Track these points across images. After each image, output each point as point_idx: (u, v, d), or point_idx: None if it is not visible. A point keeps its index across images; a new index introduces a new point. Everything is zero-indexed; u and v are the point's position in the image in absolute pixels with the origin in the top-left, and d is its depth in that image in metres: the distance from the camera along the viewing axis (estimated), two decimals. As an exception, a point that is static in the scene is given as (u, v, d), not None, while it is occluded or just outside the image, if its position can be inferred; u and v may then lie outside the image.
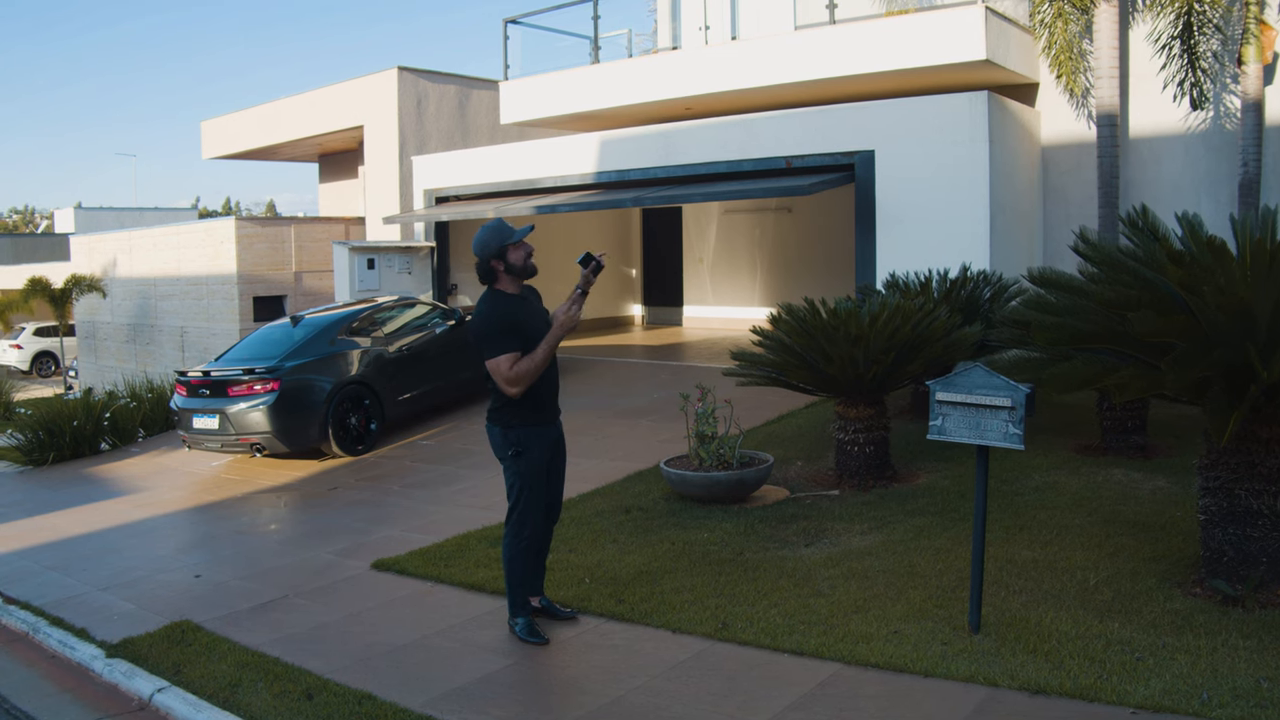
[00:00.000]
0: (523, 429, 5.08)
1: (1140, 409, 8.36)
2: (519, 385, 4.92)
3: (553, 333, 4.96)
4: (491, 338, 4.93)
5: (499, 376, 4.93)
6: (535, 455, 5.11)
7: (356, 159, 20.62)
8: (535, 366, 4.92)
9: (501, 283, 5.08)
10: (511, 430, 5.08)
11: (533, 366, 4.91)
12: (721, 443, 7.67)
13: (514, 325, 4.95)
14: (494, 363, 4.92)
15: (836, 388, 7.73)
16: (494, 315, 4.99)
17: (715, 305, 19.19)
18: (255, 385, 10.31)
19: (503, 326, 4.93)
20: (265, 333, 11.65)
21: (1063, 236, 12.36)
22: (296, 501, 9.36)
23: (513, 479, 5.14)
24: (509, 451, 5.09)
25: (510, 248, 5.02)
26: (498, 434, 5.14)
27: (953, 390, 4.67)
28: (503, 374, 4.91)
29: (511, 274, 5.06)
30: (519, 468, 5.09)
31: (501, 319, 4.96)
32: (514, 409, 5.04)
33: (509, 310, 5.01)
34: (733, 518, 7.13)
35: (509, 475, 5.16)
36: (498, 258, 5.02)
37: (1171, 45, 9.71)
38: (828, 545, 6.45)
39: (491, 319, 4.98)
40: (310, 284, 18.06)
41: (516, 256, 5.03)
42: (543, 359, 4.93)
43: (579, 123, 15.84)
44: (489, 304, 5.06)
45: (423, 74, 18.12)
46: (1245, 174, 10.39)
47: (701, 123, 13.42)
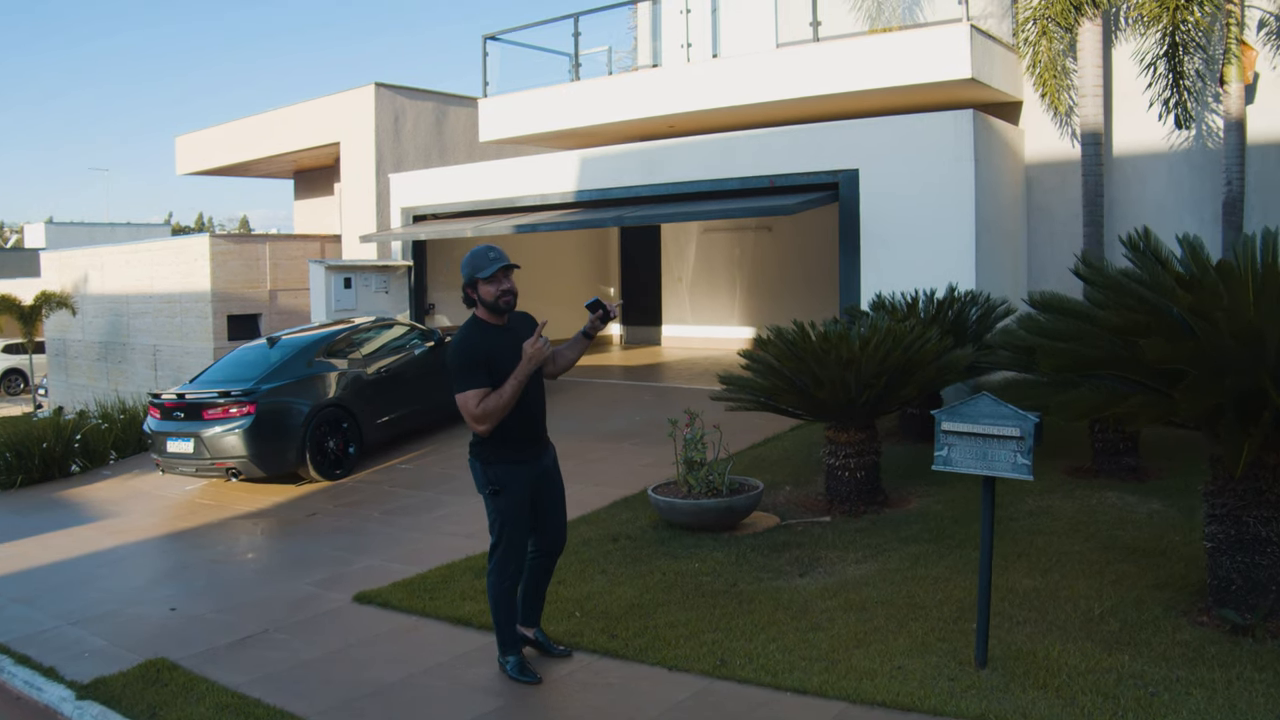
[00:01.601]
0: (501, 465, 4.86)
1: (1132, 431, 8.28)
2: (485, 424, 4.70)
3: (520, 368, 4.70)
4: (459, 370, 4.72)
5: (464, 413, 4.73)
6: (515, 492, 4.88)
7: (332, 176, 20.40)
8: (502, 405, 4.67)
9: (480, 311, 4.88)
10: (490, 467, 4.86)
11: (499, 405, 4.66)
12: (711, 469, 7.52)
13: (484, 359, 4.71)
14: (460, 398, 4.71)
15: (827, 412, 7.60)
16: (464, 347, 4.77)
17: (694, 325, 19.06)
18: (231, 408, 10.08)
19: (471, 360, 4.71)
20: (241, 354, 11.42)
21: (1047, 255, 12.34)
22: (274, 528, 9.13)
23: (493, 516, 4.93)
24: (487, 489, 4.88)
25: (480, 281, 4.79)
26: (478, 469, 4.94)
27: (959, 419, 4.55)
28: (469, 411, 4.70)
29: (484, 305, 4.83)
30: (498, 505, 4.89)
31: (471, 351, 4.74)
32: (493, 444, 4.82)
33: (482, 342, 4.77)
34: (724, 546, 6.98)
35: (490, 512, 4.95)
36: (471, 286, 4.84)
37: (1157, 64, 9.68)
38: (823, 575, 6.30)
39: (462, 351, 4.76)
40: (285, 302, 17.79)
41: (486, 292, 4.80)
42: (510, 397, 4.68)
43: (559, 140, 15.71)
44: (463, 333, 4.85)
45: (400, 90, 17.94)
46: (1229, 193, 10.37)
47: (684, 141, 13.32)
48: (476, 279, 4.79)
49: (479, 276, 4.78)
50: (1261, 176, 10.74)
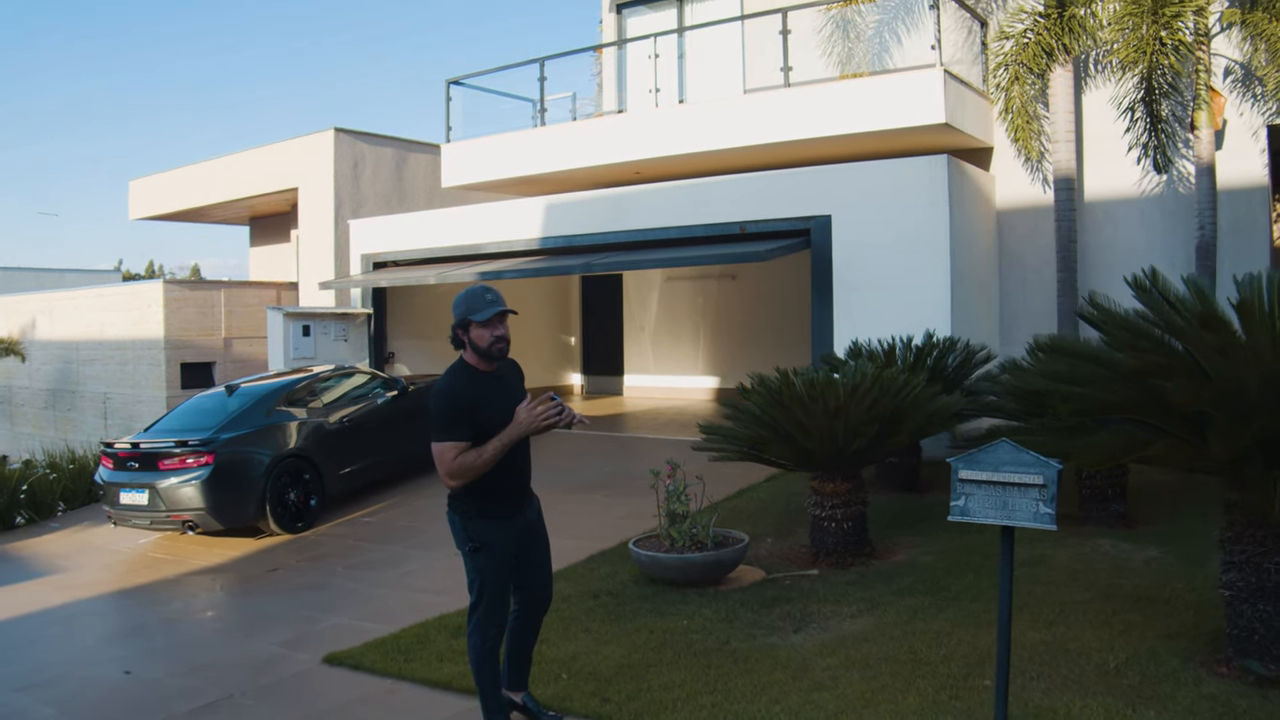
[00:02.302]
0: (483, 521, 4.51)
1: (1120, 476, 8.16)
2: (457, 480, 4.36)
3: (508, 431, 4.37)
4: (439, 419, 4.37)
5: (439, 464, 4.37)
6: (497, 549, 4.54)
7: (289, 222, 20.03)
8: (480, 465, 4.34)
9: (469, 355, 4.52)
10: (471, 522, 4.50)
11: (476, 464, 4.33)
12: (694, 521, 7.24)
13: (467, 410, 4.37)
14: (437, 448, 4.35)
15: (814, 462, 7.37)
16: (449, 394, 4.43)
17: (657, 374, 18.82)
18: (188, 458, 9.65)
19: (454, 409, 4.37)
20: (198, 402, 10.99)
21: (1019, 302, 12.30)
22: (234, 584, 8.69)
23: (473, 574, 4.57)
24: (467, 546, 4.53)
25: (474, 324, 4.44)
26: (456, 524, 4.58)
27: (977, 467, 4.33)
28: (444, 463, 4.35)
29: (474, 350, 4.48)
30: (478, 563, 4.53)
31: (455, 399, 4.40)
32: (473, 498, 4.47)
33: (468, 390, 4.43)
34: (711, 602, 6.68)
35: (469, 570, 4.58)
36: (463, 328, 4.47)
37: (1135, 109, 9.71)
38: (818, 630, 6.04)
39: (445, 398, 4.43)
40: (240, 350, 17.34)
41: (479, 336, 4.44)
42: (490, 458, 4.35)
43: (523, 187, 15.51)
44: (449, 379, 4.51)
45: (360, 135, 17.69)
46: (1202, 237, 10.40)
47: (652, 187, 13.18)
48: (470, 321, 4.43)
49: (473, 319, 4.42)
50: (1232, 221, 10.79)
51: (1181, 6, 9.11)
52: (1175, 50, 9.15)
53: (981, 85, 12.13)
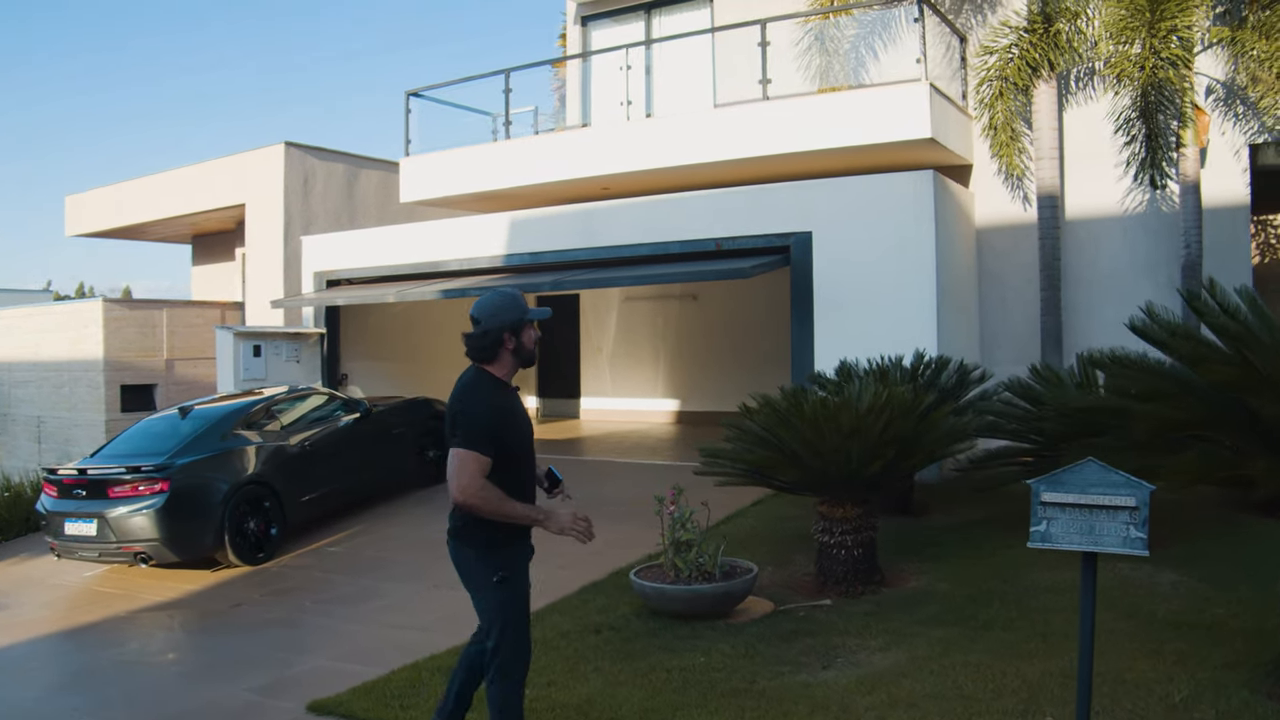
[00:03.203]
0: (509, 549, 4.10)
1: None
2: (469, 501, 3.91)
3: (538, 514, 4.07)
4: (477, 426, 3.97)
5: (460, 474, 3.90)
6: (523, 577, 4.18)
7: (234, 240, 19.29)
8: (497, 511, 3.94)
9: (500, 364, 4.14)
10: (497, 552, 4.07)
11: (498, 509, 3.94)
12: (700, 550, 6.81)
13: (501, 430, 4.02)
14: (465, 456, 3.90)
15: (826, 486, 6.99)
16: (492, 404, 4.05)
17: (615, 397, 18.37)
18: (141, 485, 8.99)
19: (495, 423, 4.00)
20: (147, 425, 10.30)
21: (999, 320, 12.10)
22: (194, 622, 8.05)
23: (495, 610, 4.11)
24: (494, 577, 4.06)
25: (527, 325, 4.14)
26: (471, 557, 4.11)
27: (1062, 489, 3.99)
28: (467, 474, 3.89)
29: (518, 356, 4.16)
30: (504, 596, 4.09)
31: (495, 413, 4.03)
32: (491, 523, 4.01)
33: (505, 405, 4.11)
34: (724, 637, 6.26)
35: (489, 606, 4.12)
36: (513, 331, 4.10)
37: (1132, 124, 9.56)
38: (848, 666, 5.64)
39: (486, 406, 4.03)
40: (183, 372, 16.56)
41: (529, 337, 4.17)
42: (509, 515, 3.98)
43: (484, 203, 15.02)
44: (489, 390, 4.10)
45: (310, 150, 17.08)
46: (1188, 256, 10.29)
47: (624, 202, 12.80)
48: (526, 319, 4.14)
49: (529, 319, 4.15)
50: (1215, 240, 10.71)
51: (1177, 20, 8.99)
52: (1172, 65, 9.03)
53: (961, 101, 11.96)
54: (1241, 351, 4.37)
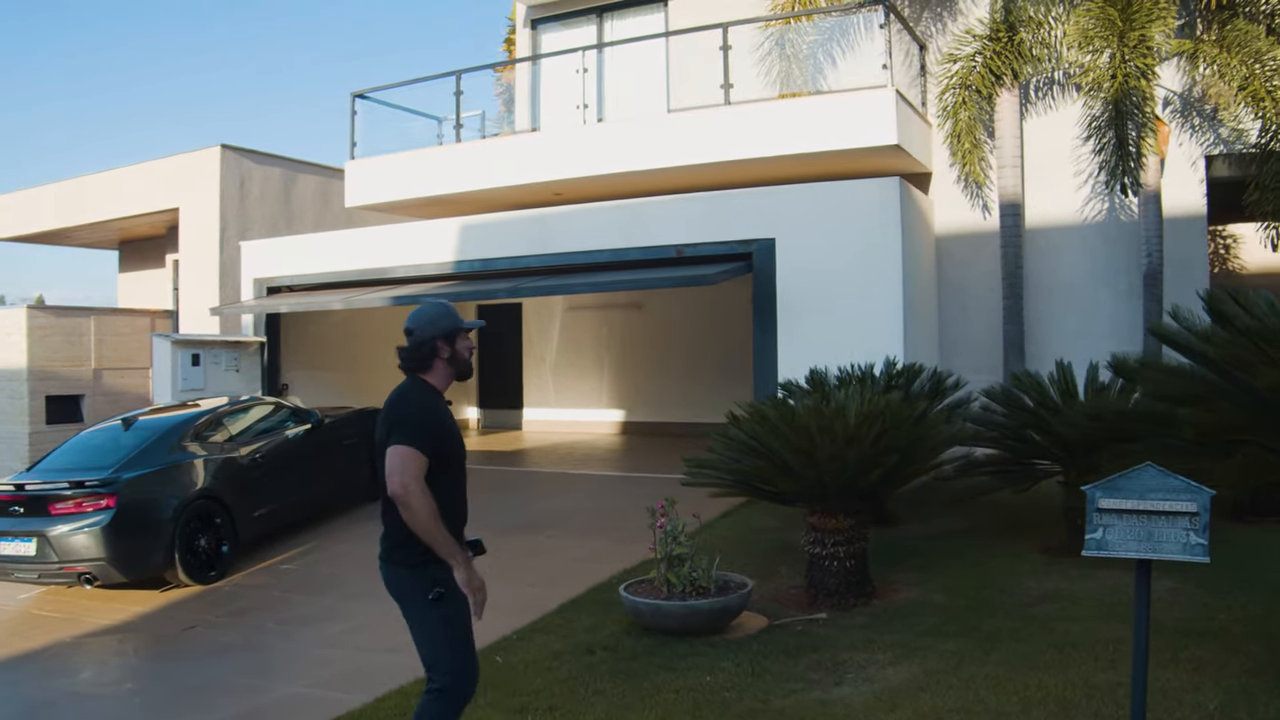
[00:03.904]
0: (439, 566, 3.83)
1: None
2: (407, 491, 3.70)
3: (457, 551, 3.82)
4: (417, 422, 3.86)
5: (400, 468, 3.73)
6: (460, 596, 3.88)
7: (165, 246, 18.55)
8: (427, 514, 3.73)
9: (435, 374, 4.05)
10: (428, 567, 3.83)
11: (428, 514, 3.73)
12: (694, 564, 6.58)
13: (436, 430, 3.91)
14: (406, 451, 3.75)
15: (822, 496, 6.81)
16: (428, 407, 3.96)
17: (558, 408, 18.08)
18: (85, 502, 8.45)
19: (431, 423, 3.90)
20: (87, 438, 9.73)
21: (960, 329, 12.10)
22: (148, 647, 7.55)
23: (433, 628, 3.88)
24: (430, 595, 3.83)
25: (462, 333, 4.08)
26: (406, 575, 3.89)
27: (1119, 495, 3.86)
28: (407, 468, 3.72)
29: (453, 365, 4.08)
30: (444, 613, 3.85)
31: (432, 414, 3.94)
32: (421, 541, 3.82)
33: (437, 411, 3.99)
34: (725, 654, 6.02)
35: (427, 626, 3.89)
36: (447, 340, 4.02)
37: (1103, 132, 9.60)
38: (861, 681, 5.45)
39: (425, 410, 3.94)
40: (112, 382, 15.85)
41: (464, 346, 4.10)
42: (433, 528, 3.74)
43: (432, 208, 14.61)
44: (420, 394, 4.01)
45: (247, 154, 16.47)
46: (1149, 264, 10.38)
47: (580, 208, 12.54)
48: (460, 328, 4.08)
49: (463, 327, 4.09)
50: (1173, 250, 10.81)
51: (1145, 30, 9.05)
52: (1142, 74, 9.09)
53: (921, 108, 11.95)
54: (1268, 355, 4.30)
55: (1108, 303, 11.21)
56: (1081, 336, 11.09)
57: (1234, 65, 9.61)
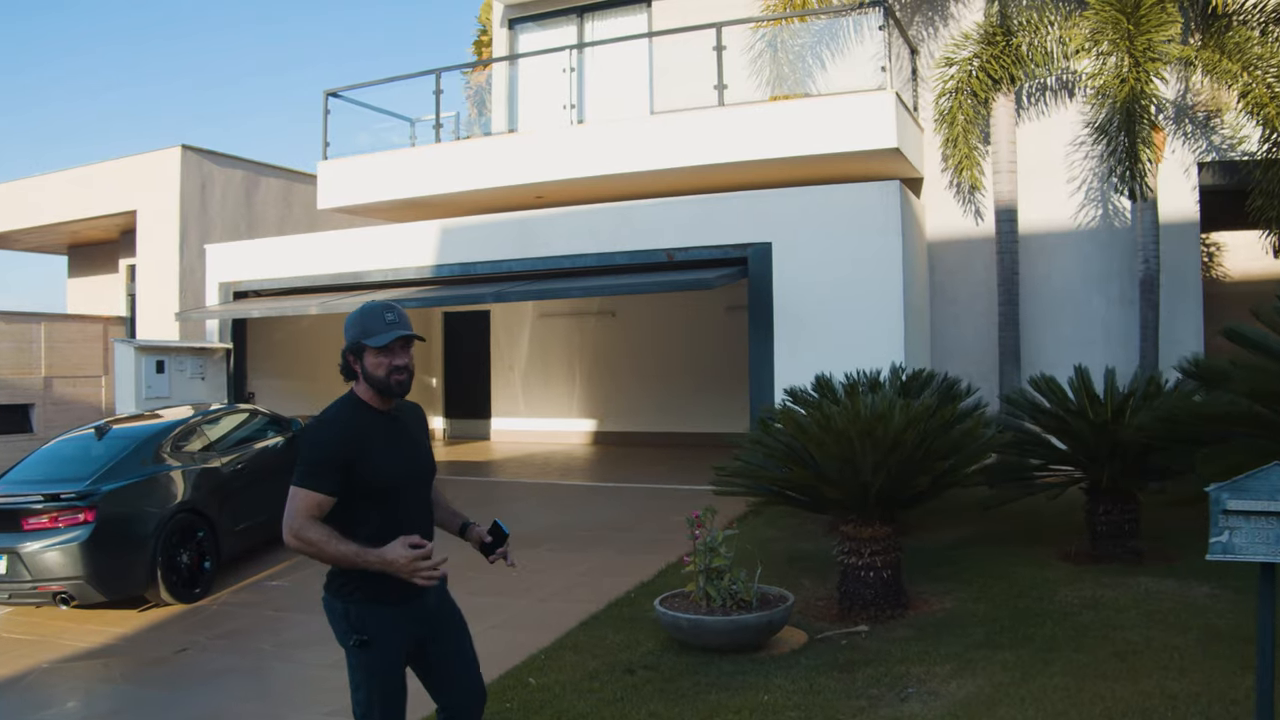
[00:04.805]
0: (366, 606, 3.39)
1: (1135, 512, 7.80)
2: (289, 539, 3.31)
3: (371, 555, 3.30)
4: (305, 458, 3.38)
5: (286, 515, 3.29)
6: (390, 646, 3.44)
7: (118, 250, 17.85)
8: (324, 555, 3.30)
9: (360, 388, 3.53)
10: (353, 606, 3.40)
11: (324, 552, 3.29)
12: (733, 577, 6.31)
13: (344, 454, 3.36)
14: (292, 492, 3.32)
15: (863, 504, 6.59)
16: (327, 432, 3.44)
17: (528, 418, 17.71)
18: (61, 516, 7.93)
19: (327, 452, 3.36)
20: (58, 449, 9.18)
21: (952, 336, 12.01)
22: (138, 672, 7.05)
23: (358, 678, 3.45)
24: (350, 640, 3.41)
25: (368, 349, 3.46)
26: (338, 611, 3.44)
27: (1248, 496, 3.68)
28: (292, 516, 3.28)
29: (369, 382, 3.49)
30: (363, 661, 3.42)
31: (332, 440, 3.40)
32: (355, 573, 3.37)
33: (351, 433, 3.42)
34: (775, 671, 5.76)
35: (353, 671, 3.46)
36: (355, 352, 3.49)
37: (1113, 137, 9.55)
38: (928, 697, 5.23)
39: (321, 435, 3.44)
40: (63, 391, 15.16)
41: (374, 364, 3.46)
42: (338, 558, 3.31)
43: (406, 211, 14.21)
44: (333, 412, 3.50)
45: (208, 155, 15.91)
46: (1146, 271, 10.37)
47: (565, 210, 12.25)
48: (364, 345, 3.46)
49: (368, 342, 3.45)
50: (1166, 257, 10.83)
51: (1152, 35, 9.03)
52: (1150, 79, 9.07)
53: (913, 112, 11.86)
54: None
55: (1101, 309, 11.21)
56: (1075, 343, 11.07)
57: (1234, 72, 9.66)
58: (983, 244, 11.56)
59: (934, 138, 11.72)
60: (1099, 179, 10.96)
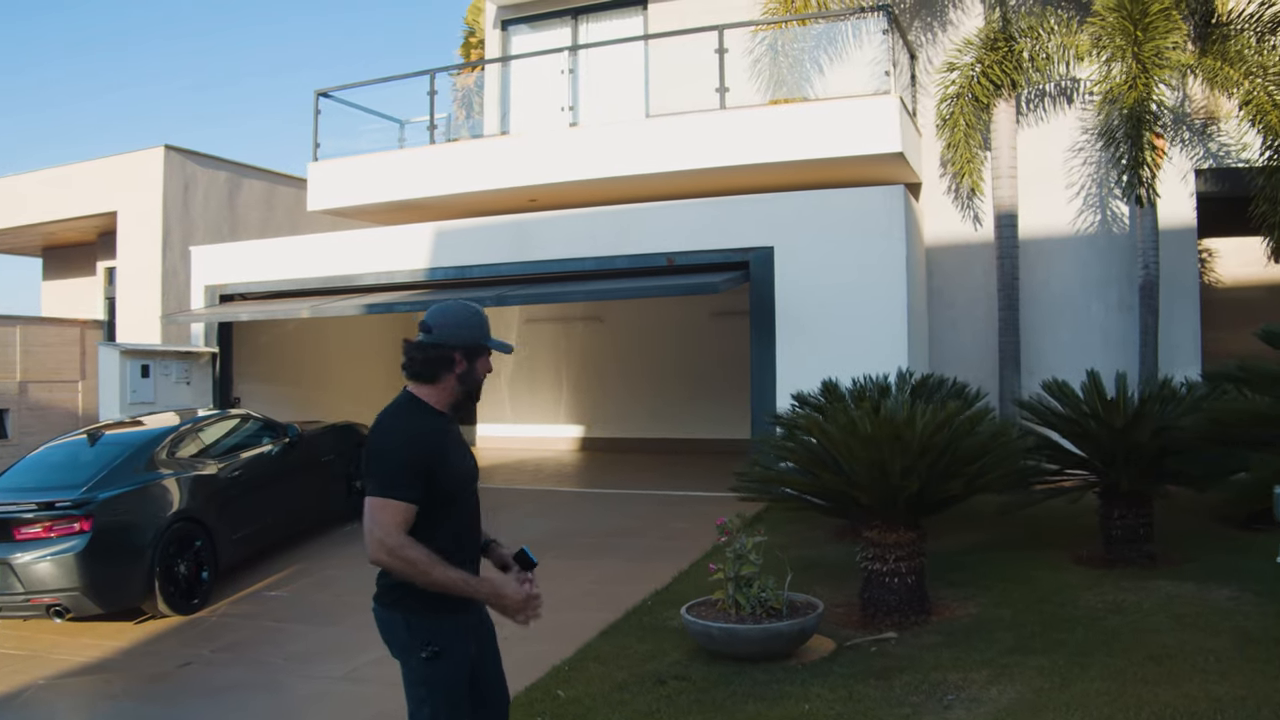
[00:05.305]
0: (428, 617, 3.22)
1: (1149, 516, 7.80)
2: (384, 559, 3.11)
3: (482, 585, 3.22)
4: (391, 467, 3.17)
5: (377, 529, 3.09)
6: (458, 656, 3.28)
7: (95, 252, 17.50)
8: (426, 579, 3.11)
9: (439, 389, 3.35)
10: (423, 619, 3.22)
11: (427, 576, 3.10)
12: (762, 585, 6.23)
13: (428, 461, 3.20)
14: (380, 505, 3.11)
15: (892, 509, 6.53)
16: (415, 437, 3.25)
17: (515, 424, 17.56)
18: (55, 525, 7.69)
19: (416, 460, 3.18)
20: (48, 455, 8.93)
21: (950, 342, 12.01)
22: (142, 688, 6.83)
23: (422, 694, 3.24)
24: (422, 653, 3.21)
25: (485, 352, 3.39)
26: (398, 624, 3.25)
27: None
28: (383, 529, 3.09)
29: (463, 384, 3.37)
30: (431, 675, 3.23)
31: (419, 447, 3.21)
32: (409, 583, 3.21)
33: (431, 439, 3.27)
34: (811, 679, 5.68)
35: (415, 686, 3.25)
36: (466, 354, 3.34)
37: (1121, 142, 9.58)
38: (971, 704, 5.17)
39: (404, 440, 3.23)
40: (39, 396, 14.82)
41: (483, 367, 3.40)
42: (442, 584, 3.12)
43: (397, 214, 14.02)
44: (408, 417, 3.30)
45: (191, 155, 15.65)
46: (1146, 276, 10.43)
47: (562, 214, 12.14)
48: (482, 345, 3.37)
49: (490, 344, 3.39)
50: (1164, 262, 10.89)
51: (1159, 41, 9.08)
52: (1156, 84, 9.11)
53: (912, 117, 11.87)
54: None
55: (1099, 315, 11.25)
56: (1074, 349, 11.12)
57: (1236, 79, 9.74)
58: (981, 249, 11.58)
59: (932, 142, 11.73)
60: (1097, 185, 11.02)
